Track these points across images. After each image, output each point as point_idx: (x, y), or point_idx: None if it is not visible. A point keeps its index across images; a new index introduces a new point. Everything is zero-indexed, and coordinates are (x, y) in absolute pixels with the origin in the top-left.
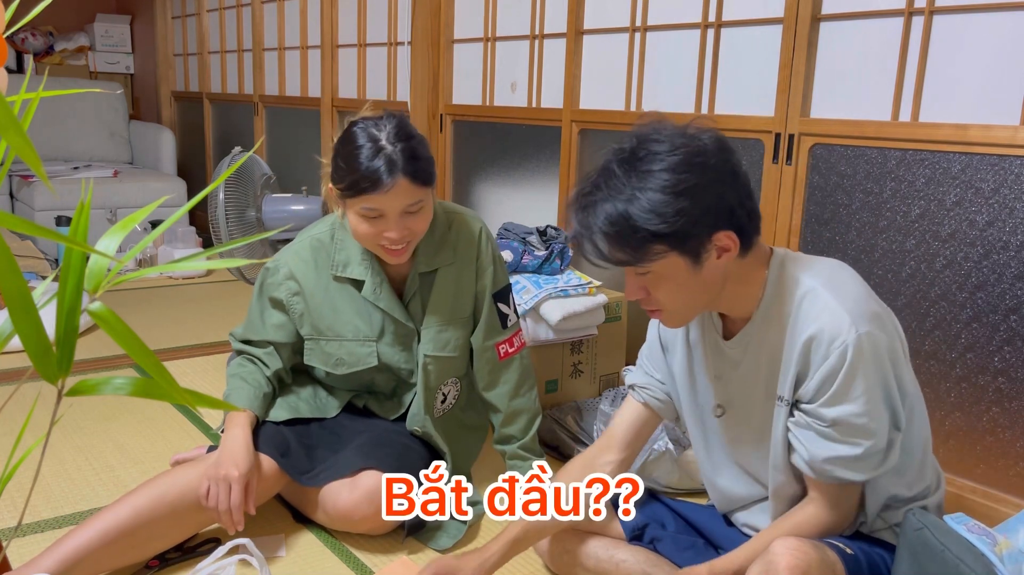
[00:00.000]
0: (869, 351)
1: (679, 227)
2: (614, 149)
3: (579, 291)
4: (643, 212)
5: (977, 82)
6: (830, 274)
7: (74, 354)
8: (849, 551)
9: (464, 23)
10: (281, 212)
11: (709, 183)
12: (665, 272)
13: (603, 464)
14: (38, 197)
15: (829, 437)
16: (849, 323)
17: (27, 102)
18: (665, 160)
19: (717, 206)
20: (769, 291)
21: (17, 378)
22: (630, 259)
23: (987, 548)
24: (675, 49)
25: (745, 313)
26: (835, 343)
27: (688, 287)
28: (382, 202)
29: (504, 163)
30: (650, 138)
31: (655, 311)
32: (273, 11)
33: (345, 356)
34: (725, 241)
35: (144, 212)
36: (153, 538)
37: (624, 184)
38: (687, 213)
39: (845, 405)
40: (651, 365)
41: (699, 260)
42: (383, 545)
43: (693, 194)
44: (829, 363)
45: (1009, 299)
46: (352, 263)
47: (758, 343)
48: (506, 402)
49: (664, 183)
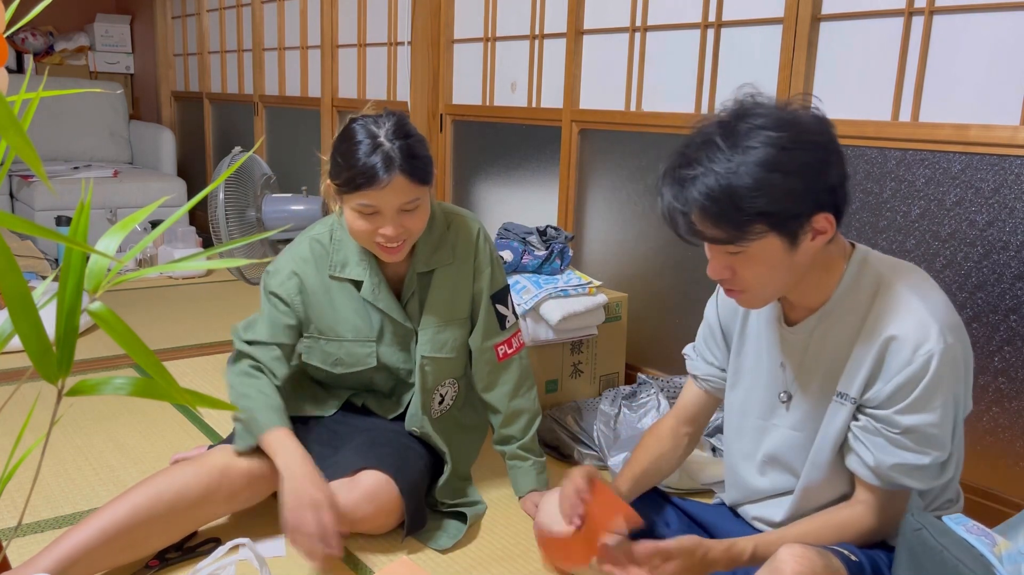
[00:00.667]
0: (952, 363)
1: (784, 206)
2: (716, 121)
3: (579, 291)
4: (749, 189)
5: (977, 82)
6: (916, 278)
7: (74, 354)
8: (854, 558)
9: (464, 23)
10: (281, 212)
11: (815, 162)
12: (759, 253)
13: (683, 435)
14: (38, 197)
15: (900, 445)
16: (937, 332)
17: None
18: (771, 136)
19: (822, 186)
20: (846, 283)
21: (17, 378)
22: (727, 237)
23: (986, 549)
24: (675, 49)
25: (815, 302)
26: (920, 350)
27: (778, 269)
28: (378, 198)
29: (504, 163)
30: (752, 112)
31: (735, 292)
32: (273, 11)
33: (344, 356)
34: (823, 223)
35: (144, 212)
36: (151, 536)
37: (728, 158)
38: (793, 192)
39: (923, 414)
40: (710, 351)
41: (796, 242)
42: (383, 545)
43: (800, 172)
44: (911, 370)
45: (1009, 299)
46: (350, 263)
47: (823, 334)
48: (506, 403)
49: (771, 159)
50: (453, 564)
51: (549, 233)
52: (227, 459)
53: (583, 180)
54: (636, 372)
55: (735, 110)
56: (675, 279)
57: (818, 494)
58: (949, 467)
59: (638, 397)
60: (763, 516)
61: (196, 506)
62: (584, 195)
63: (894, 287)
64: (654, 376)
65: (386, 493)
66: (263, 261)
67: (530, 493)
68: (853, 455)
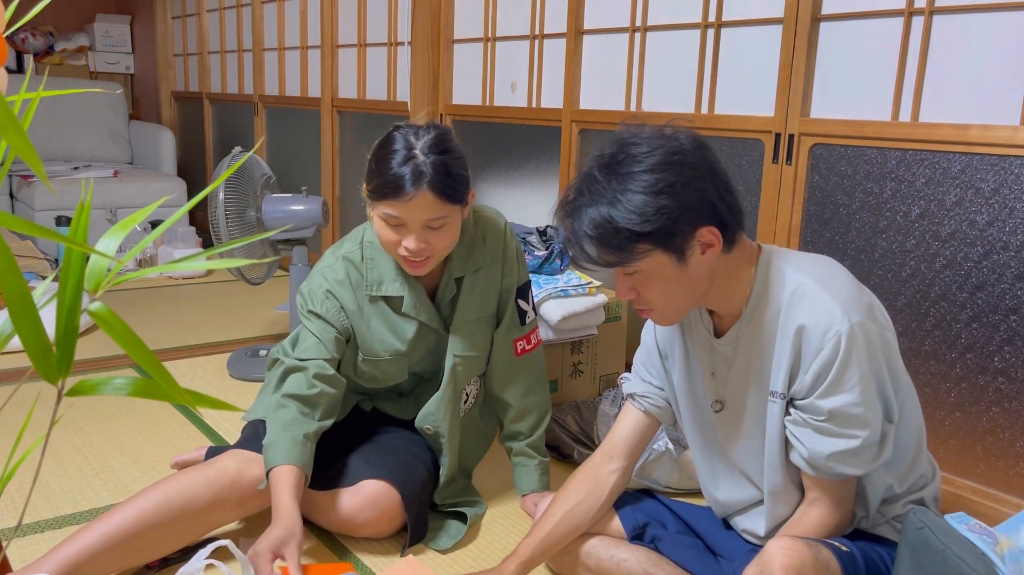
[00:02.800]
0: (862, 340)
1: (661, 225)
2: (595, 155)
3: (579, 291)
4: (625, 213)
5: (977, 82)
6: (819, 269)
7: (74, 354)
8: (845, 549)
9: (464, 23)
10: (281, 212)
11: (688, 180)
12: (652, 271)
13: (608, 474)
14: (38, 197)
15: (827, 431)
16: (841, 313)
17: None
18: (644, 162)
19: (698, 202)
20: (757, 287)
21: (17, 378)
22: (617, 260)
23: (988, 547)
24: (675, 49)
25: (734, 310)
26: (828, 333)
27: (675, 284)
28: (403, 211)
29: (504, 163)
30: (629, 141)
31: (646, 311)
32: (273, 11)
33: (379, 375)
34: (708, 237)
35: (144, 212)
36: (156, 543)
37: (605, 188)
38: (668, 211)
39: (841, 395)
40: (647, 371)
41: (684, 257)
42: (385, 546)
43: (672, 192)
44: (824, 354)
45: (1009, 299)
46: (386, 280)
47: (748, 340)
48: (519, 398)
49: (644, 183)
50: (454, 564)
51: (549, 233)
52: (239, 466)
53: None
54: None
55: (614, 142)
56: None
57: (786, 497)
58: (887, 447)
59: None
60: (750, 529)
61: (205, 513)
62: None
63: (795, 279)
64: None
65: (388, 499)
66: (263, 261)
67: (531, 493)
68: (793, 451)
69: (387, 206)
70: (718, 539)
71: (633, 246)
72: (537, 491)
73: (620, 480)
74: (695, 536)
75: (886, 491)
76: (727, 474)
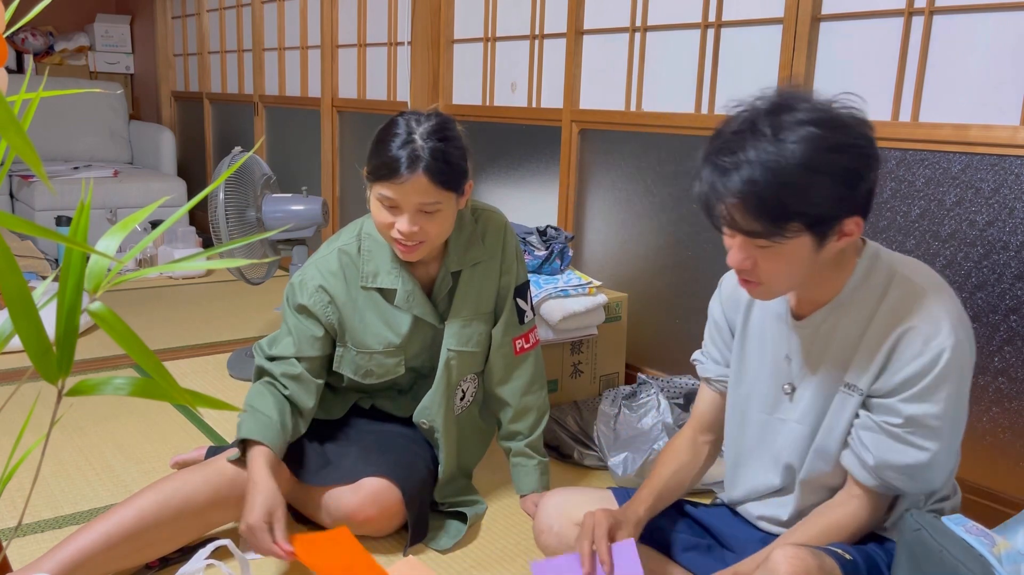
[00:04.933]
0: (960, 360)
1: (823, 209)
2: (759, 107)
3: (579, 291)
4: (792, 188)
5: (977, 82)
6: (931, 278)
7: (74, 354)
8: (848, 557)
9: (464, 23)
10: (281, 212)
11: (857, 166)
12: (787, 250)
13: (703, 443)
14: (38, 197)
15: (898, 438)
16: (949, 328)
17: (27, 102)
18: (815, 132)
19: (859, 190)
20: (856, 278)
21: (17, 378)
22: (763, 231)
23: (985, 549)
24: (675, 49)
25: (823, 297)
26: (932, 343)
27: (800, 267)
28: (397, 192)
29: (504, 163)
30: (795, 105)
31: (751, 283)
32: (273, 11)
33: (374, 368)
34: (852, 227)
35: (144, 212)
36: (157, 542)
37: (770, 151)
38: (834, 195)
39: (926, 404)
40: (718, 351)
41: (824, 242)
42: (385, 545)
43: (843, 176)
44: (921, 361)
45: (1009, 299)
46: (381, 272)
47: (831, 327)
48: (518, 398)
49: (816, 160)
50: (454, 564)
51: (549, 233)
52: (237, 466)
53: (583, 180)
54: (636, 372)
55: (777, 100)
56: (675, 279)
57: (819, 489)
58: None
59: (638, 397)
60: (768, 515)
61: (204, 512)
62: (584, 195)
63: (908, 281)
64: (654, 376)
65: (388, 497)
66: (263, 261)
67: (531, 493)
68: (850, 454)
69: (383, 187)
70: (729, 534)
71: (787, 222)
72: (537, 491)
73: (712, 451)
74: (703, 533)
75: (912, 503)
76: (758, 455)
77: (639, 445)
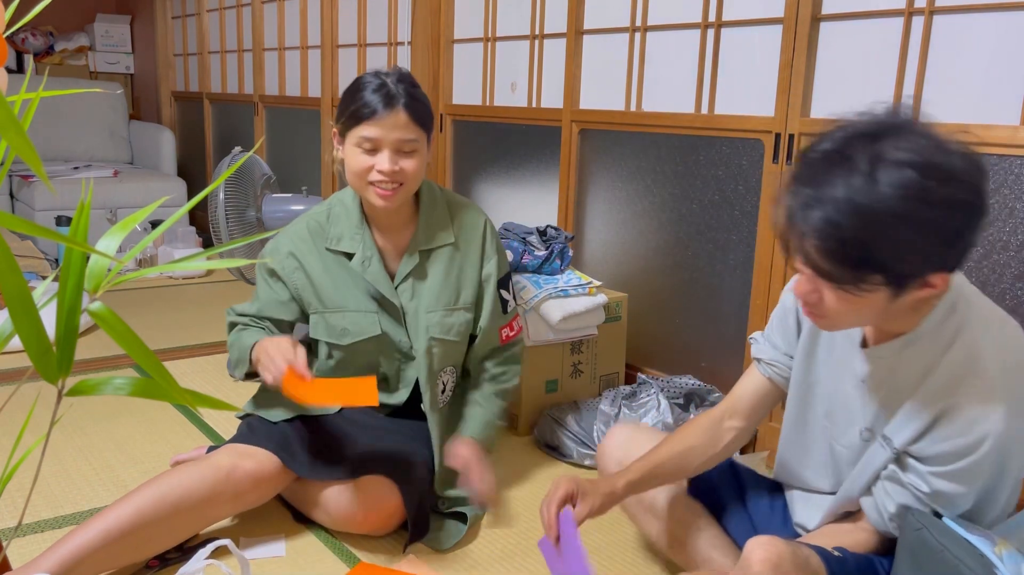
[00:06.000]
0: (1004, 446)
1: (910, 265)
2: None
3: (579, 291)
4: (878, 237)
5: (977, 82)
6: (1002, 337)
7: (74, 354)
8: (836, 554)
9: (464, 23)
10: (281, 212)
11: (957, 222)
12: (860, 298)
13: (727, 429)
14: (38, 197)
15: (923, 503)
16: (1002, 414)
17: (27, 102)
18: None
19: (956, 249)
20: (929, 326)
21: (17, 378)
22: (839, 277)
23: (987, 548)
24: (675, 49)
25: (891, 331)
26: (977, 425)
27: (871, 313)
28: (378, 130)
29: (504, 163)
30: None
31: (816, 315)
32: (273, 11)
33: (349, 326)
34: (937, 281)
35: (144, 212)
36: (155, 538)
37: (861, 190)
38: (925, 251)
39: (957, 486)
40: (781, 338)
41: (903, 293)
42: (384, 545)
43: (938, 231)
44: (961, 442)
45: (1009, 299)
46: (345, 237)
47: (889, 367)
48: (495, 366)
49: (911, 211)
50: (454, 564)
51: (549, 233)
52: (233, 460)
53: (583, 180)
54: (636, 372)
55: (880, 124)
56: (675, 279)
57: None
58: None
59: (638, 397)
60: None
61: (201, 507)
62: (584, 195)
63: (973, 347)
64: (654, 376)
65: (388, 496)
66: (263, 261)
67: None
68: (871, 501)
69: (363, 128)
70: (762, 520)
71: (866, 275)
72: (471, 439)
73: (738, 437)
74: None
75: None
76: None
77: None
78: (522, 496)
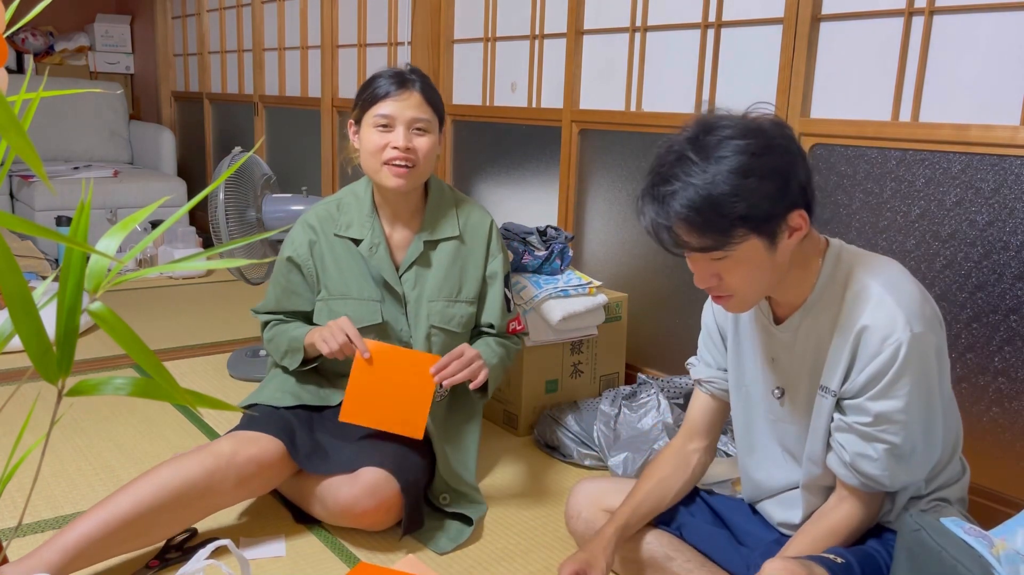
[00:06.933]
0: (920, 352)
1: (763, 209)
2: (682, 138)
3: (579, 291)
4: (728, 195)
5: (977, 82)
6: (886, 271)
7: (74, 354)
8: (840, 560)
9: (464, 23)
10: (281, 212)
11: (784, 163)
12: (743, 256)
13: (691, 452)
14: (38, 197)
15: (871, 437)
16: (904, 322)
17: (27, 102)
18: (739, 144)
19: (793, 185)
20: (823, 279)
21: (17, 378)
22: (713, 244)
23: (984, 549)
24: (675, 49)
25: (796, 299)
26: (888, 340)
27: (761, 270)
28: (395, 107)
29: (504, 163)
30: (717, 125)
31: (723, 298)
32: (273, 11)
33: (351, 313)
34: (798, 220)
35: (144, 212)
36: (156, 526)
37: (703, 170)
38: (769, 194)
39: (890, 400)
40: (711, 355)
41: (775, 241)
42: (384, 545)
43: (773, 175)
44: (880, 359)
45: (1009, 299)
46: (355, 224)
47: (807, 331)
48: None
49: (745, 166)
50: (454, 564)
51: (549, 233)
52: (234, 446)
53: (583, 180)
54: (636, 372)
55: (700, 125)
56: (675, 279)
57: (819, 490)
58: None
59: (638, 397)
60: (785, 521)
61: (203, 495)
62: (584, 195)
63: (863, 280)
64: (654, 376)
65: (387, 489)
66: (263, 261)
67: None
68: (833, 456)
69: (379, 106)
70: (745, 529)
71: (733, 230)
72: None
73: (704, 458)
74: (723, 526)
75: (915, 490)
76: (769, 457)
77: (639, 445)
78: (522, 496)
